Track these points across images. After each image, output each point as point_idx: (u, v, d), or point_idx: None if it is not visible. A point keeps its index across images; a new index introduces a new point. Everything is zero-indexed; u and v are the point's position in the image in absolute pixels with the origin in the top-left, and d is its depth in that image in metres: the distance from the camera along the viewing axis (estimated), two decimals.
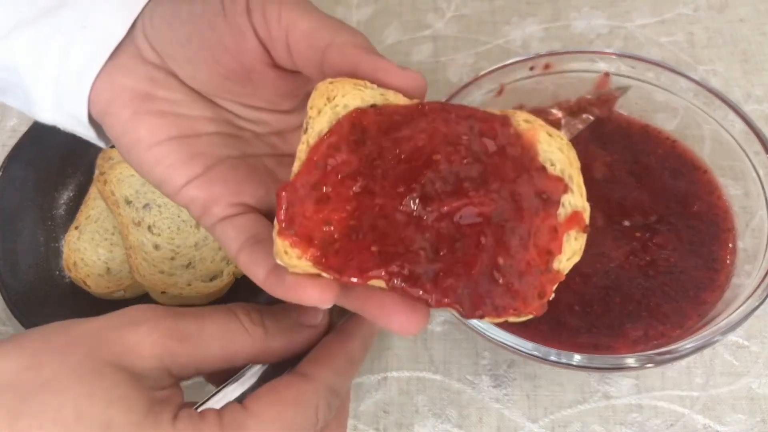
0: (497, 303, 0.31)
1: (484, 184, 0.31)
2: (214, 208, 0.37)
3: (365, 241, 0.30)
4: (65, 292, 0.58)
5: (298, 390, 0.35)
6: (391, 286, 0.30)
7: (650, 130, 0.56)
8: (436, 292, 0.30)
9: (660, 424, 0.50)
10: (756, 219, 0.51)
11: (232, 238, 0.36)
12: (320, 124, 0.33)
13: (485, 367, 0.53)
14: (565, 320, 0.48)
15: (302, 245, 0.30)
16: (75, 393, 0.31)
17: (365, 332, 0.39)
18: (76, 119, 0.40)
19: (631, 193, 0.53)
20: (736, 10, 0.71)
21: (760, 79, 0.66)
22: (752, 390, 0.51)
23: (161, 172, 0.37)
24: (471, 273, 0.30)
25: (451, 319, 0.55)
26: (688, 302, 0.48)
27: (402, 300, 0.31)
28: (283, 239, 0.31)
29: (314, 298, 0.31)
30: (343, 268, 0.30)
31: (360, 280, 0.30)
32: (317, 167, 0.32)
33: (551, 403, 0.51)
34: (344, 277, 0.30)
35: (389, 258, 0.30)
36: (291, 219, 0.31)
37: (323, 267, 0.30)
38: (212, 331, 0.36)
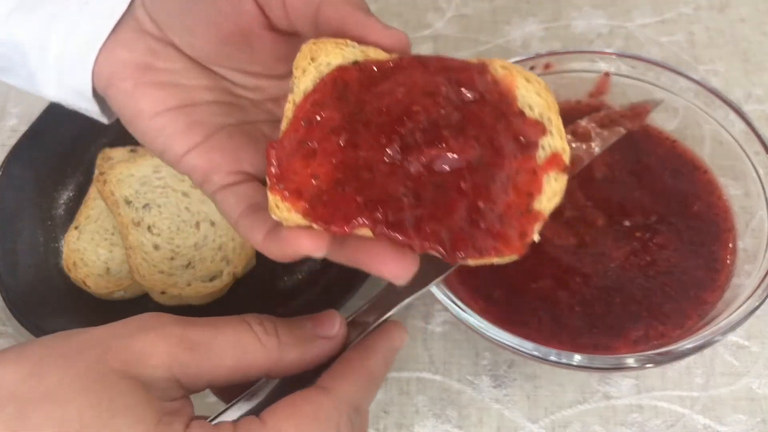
0: (479, 245, 0.32)
1: (462, 132, 0.33)
2: (214, 176, 0.38)
3: (351, 192, 0.32)
4: (65, 292, 0.58)
5: (318, 404, 0.34)
6: (376, 233, 0.31)
7: (650, 130, 0.56)
8: (418, 237, 0.31)
9: (660, 424, 0.50)
10: (756, 219, 0.51)
11: (232, 206, 0.37)
12: (305, 83, 0.35)
13: (485, 367, 0.53)
14: (565, 320, 0.48)
15: (292, 199, 0.32)
16: (79, 403, 0.30)
17: (386, 347, 0.38)
18: (81, 95, 0.41)
19: (631, 193, 0.53)
20: (736, 9, 0.71)
21: (761, 78, 0.66)
22: (752, 390, 0.51)
23: (162, 142, 0.39)
24: (452, 217, 0.32)
25: (451, 320, 0.55)
26: (688, 302, 0.48)
27: (391, 248, 0.32)
28: (274, 194, 0.32)
29: (307, 246, 0.32)
30: (331, 219, 0.32)
31: (347, 229, 0.31)
32: (303, 124, 0.33)
33: (551, 403, 0.51)
34: (332, 227, 0.32)
35: (373, 207, 0.31)
36: (281, 175, 0.33)
37: (312, 218, 0.32)
38: (224, 340, 0.34)
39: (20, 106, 0.71)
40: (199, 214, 0.59)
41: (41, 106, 0.64)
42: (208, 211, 0.59)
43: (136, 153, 0.63)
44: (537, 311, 0.48)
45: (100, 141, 0.65)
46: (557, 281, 0.49)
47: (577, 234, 0.51)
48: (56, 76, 0.41)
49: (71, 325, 0.53)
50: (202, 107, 0.39)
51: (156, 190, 0.60)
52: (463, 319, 0.45)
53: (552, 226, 0.52)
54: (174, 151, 0.38)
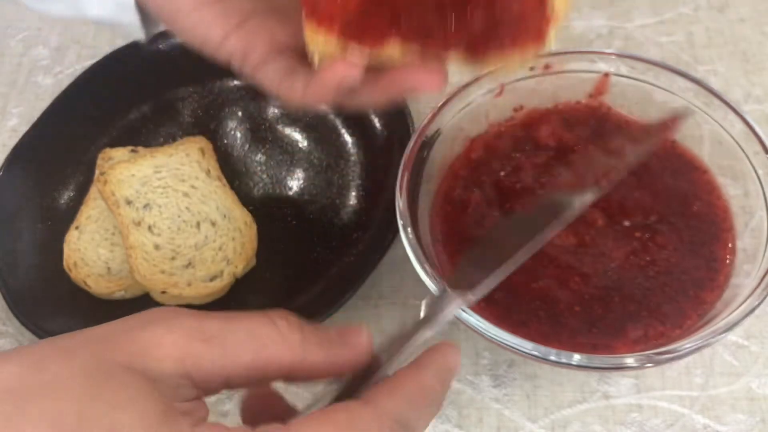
0: (500, 43, 0.35)
1: None
2: (251, 55, 0.41)
3: (379, 11, 0.35)
4: (65, 292, 0.58)
5: (356, 414, 0.30)
6: (405, 41, 0.35)
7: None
8: (444, 41, 0.35)
9: (660, 423, 0.50)
10: (755, 219, 0.51)
11: (272, 78, 0.41)
12: None
13: (485, 367, 0.53)
14: (564, 320, 0.48)
15: (326, 24, 0.35)
16: (78, 396, 0.28)
17: (440, 364, 0.35)
18: (122, 6, 0.45)
19: (631, 194, 0.53)
20: (736, 9, 0.71)
21: (761, 78, 0.66)
22: (752, 390, 0.51)
23: (202, 33, 0.42)
24: (472, 20, 0.35)
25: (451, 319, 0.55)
26: (687, 302, 0.49)
27: (420, 67, 0.36)
28: (310, 22, 0.36)
29: (342, 70, 0.36)
30: (364, 36, 0.35)
31: (380, 44, 0.35)
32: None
33: (551, 402, 0.51)
34: (366, 43, 0.35)
35: (400, 21, 0.35)
36: (314, 3, 0.36)
37: (347, 38, 0.35)
38: (242, 332, 0.31)
39: (21, 106, 0.72)
40: (200, 214, 0.59)
41: (42, 107, 0.65)
42: (209, 211, 0.59)
43: (136, 153, 0.63)
44: (536, 311, 0.48)
45: (101, 141, 0.65)
46: (557, 281, 0.49)
47: (577, 234, 0.51)
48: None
49: (72, 324, 0.53)
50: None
51: (156, 190, 0.60)
52: (463, 318, 0.45)
53: None
54: (213, 38, 0.42)
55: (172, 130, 0.67)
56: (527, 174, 0.54)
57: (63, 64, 0.75)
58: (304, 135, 0.65)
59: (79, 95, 0.65)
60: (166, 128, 0.67)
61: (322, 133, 0.65)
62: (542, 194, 0.41)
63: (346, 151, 0.64)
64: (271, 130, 0.66)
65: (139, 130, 0.66)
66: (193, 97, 0.68)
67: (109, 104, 0.66)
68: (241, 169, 0.64)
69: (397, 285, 0.57)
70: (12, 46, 0.76)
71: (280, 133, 0.66)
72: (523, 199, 0.53)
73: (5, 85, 0.73)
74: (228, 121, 0.67)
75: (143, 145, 0.65)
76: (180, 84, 0.67)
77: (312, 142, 0.65)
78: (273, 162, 0.64)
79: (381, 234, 0.56)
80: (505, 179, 0.54)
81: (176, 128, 0.67)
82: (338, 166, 0.64)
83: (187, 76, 0.67)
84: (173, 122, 0.67)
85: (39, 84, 0.73)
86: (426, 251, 0.48)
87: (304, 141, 0.65)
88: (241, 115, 0.67)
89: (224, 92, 0.68)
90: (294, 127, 0.66)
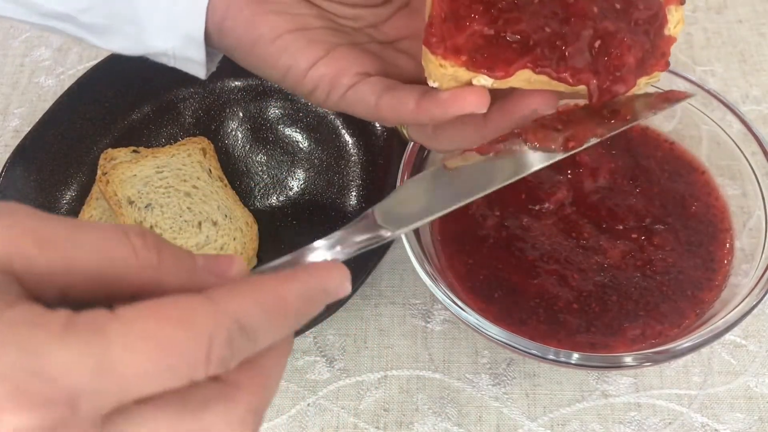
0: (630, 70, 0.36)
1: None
2: (342, 79, 0.40)
3: (506, 38, 0.35)
4: None
5: (190, 307, 0.26)
6: (536, 71, 0.34)
7: (649, 133, 0.57)
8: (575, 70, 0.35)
9: (658, 422, 0.50)
10: (753, 219, 0.51)
11: (369, 92, 0.39)
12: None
13: (484, 365, 0.53)
14: (563, 319, 0.48)
15: (453, 56, 0.35)
16: None
17: (314, 283, 0.30)
18: (191, 40, 0.43)
19: (630, 195, 0.53)
20: (734, 10, 0.72)
21: (758, 79, 0.67)
22: (750, 389, 0.51)
23: (287, 60, 0.41)
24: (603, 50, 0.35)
25: (450, 319, 0.56)
26: (685, 302, 0.49)
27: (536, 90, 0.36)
28: (436, 56, 0.35)
29: (472, 100, 0.35)
30: (493, 65, 0.35)
31: (509, 72, 0.35)
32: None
33: (550, 401, 0.51)
34: (496, 73, 0.35)
35: (529, 49, 0.35)
36: (440, 35, 0.35)
37: (477, 68, 0.35)
38: (88, 242, 0.27)
39: (23, 107, 0.72)
40: (201, 214, 0.60)
41: (44, 108, 0.65)
42: (210, 211, 0.60)
43: (138, 153, 0.63)
44: (536, 310, 0.49)
45: (103, 142, 0.65)
46: (556, 280, 0.50)
47: (577, 234, 0.52)
48: (166, 22, 0.42)
49: None
50: (316, 30, 0.42)
51: (158, 191, 0.60)
52: (463, 318, 0.45)
53: (551, 225, 0.52)
54: (299, 66, 0.41)
55: (174, 130, 0.67)
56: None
57: (65, 65, 0.75)
58: (305, 135, 0.66)
59: (81, 96, 0.65)
60: (168, 129, 0.67)
61: (322, 134, 0.66)
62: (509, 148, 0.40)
63: (346, 151, 0.65)
64: (272, 130, 0.66)
65: (141, 131, 0.67)
66: (195, 97, 0.68)
67: (111, 105, 0.66)
68: (242, 170, 0.65)
69: (397, 285, 0.58)
70: (14, 46, 0.77)
71: (281, 133, 0.66)
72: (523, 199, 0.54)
73: (7, 86, 0.74)
74: (229, 121, 0.67)
75: (145, 145, 0.65)
76: (181, 85, 0.68)
77: (313, 142, 0.65)
78: (274, 162, 0.65)
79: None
80: None
81: (178, 129, 0.67)
82: (338, 166, 0.64)
83: (188, 76, 0.66)
84: (175, 123, 0.67)
85: (41, 85, 0.74)
86: (426, 251, 0.49)
87: (304, 141, 0.66)
88: (243, 115, 0.67)
89: (225, 93, 0.68)
90: (295, 128, 0.66)
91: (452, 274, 0.51)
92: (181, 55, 0.44)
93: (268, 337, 0.28)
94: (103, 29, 0.44)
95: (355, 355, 0.54)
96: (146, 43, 0.44)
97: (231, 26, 0.42)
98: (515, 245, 0.51)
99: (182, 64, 0.45)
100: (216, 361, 0.25)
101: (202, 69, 0.45)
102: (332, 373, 0.54)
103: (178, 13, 0.42)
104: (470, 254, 0.52)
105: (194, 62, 0.45)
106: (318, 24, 0.42)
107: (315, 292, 0.30)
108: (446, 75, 0.36)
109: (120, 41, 0.44)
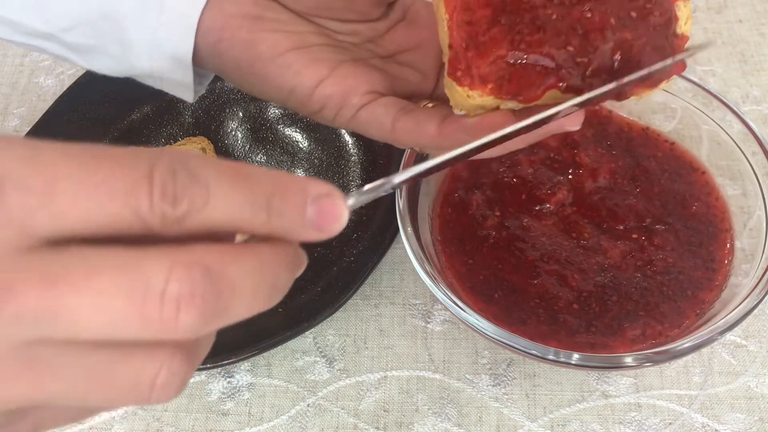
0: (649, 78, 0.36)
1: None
2: (352, 99, 0.39)
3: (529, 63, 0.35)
4: None
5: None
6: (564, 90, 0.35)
7: (650, 133, 0.57)
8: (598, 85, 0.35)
9: (658, 422, 0.50)
10: (754, 219, 0.51)
11: (384, 114, 0.38)
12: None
13: (485, 366, 0.53)
14: (563, 319, 0.48)
15: (480, 85, 0.35)
16: None
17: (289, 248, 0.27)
18: (178, 61, 0.41)
19: (630, 195, 0.53)
20: (734, 10, 0.72)
21: (759, 79, 0.67)
22: (750, 389, 0.51)
23: (290, 79, 0.39)
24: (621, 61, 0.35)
25: (450, 319, 0.55)
26: (686, 302, 0.49)
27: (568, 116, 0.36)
28: (462, 87, 0.35)
29: (500, 121, 0.35)
30: (521, 91, 0.35)
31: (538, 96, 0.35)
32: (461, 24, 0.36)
33: (550, 401, 0.51)
34: (524, 97, 0.35)
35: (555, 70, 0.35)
36: (466, 67, 0.35)
37: (504, 96, 0.35)
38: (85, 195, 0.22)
39: (23, 107, 0.72)
40: None
41: (43, 108, 0.65)
42: None
43: None
44: (536, 310, 0.49)
45: (102, 142, 0.65)
46: (556, 281, 0.50)
47: (577, 234, 0.52)
48: (152, 43, 0.40)
49: None
50: (317, 47, 0.41)
51: None
52: (463, 318, 0.45)
53: (552, 225, 0.52)
54: (305, 85, 0.39)
55: (174, 130, 0.67)
56: (527, 172, 0.55)
57: (65, 65, 0.75)
58: (305, 135, 0.66)
59: (81, 96, 0.65)
60: (168, 129, 0.67)
61: (322, 134, 0.66)
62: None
63: (346, 151, 0.65)
64: (271, 130, 0.66)
65: (141, 131, 0.67)
66: None
67: (111, 105, 0.66)
68: None
69: (397, 285, 0.58)
70: (14, 47, 0.77)
71: (281, 133, 0.66)
72: (523, 199, 0.54)
73: (7, 86, 0.74)
74: (229, 121, 0.67)
75: (145, 145, 0.65)
76: None
77: (312, 142, 0.65)
78: (274, 162, 0.65)
79: (381, 234, 0.56)
80: (505, 179, 0.55)
81: (177, 129, 0.67)
82: (338, 166, 0.64)
83: None
84: (174, 123, 0.67)
85: (41, 85, 0.74)
86: (426, 251, 0.49)
87: (304, 141, 0.65)
88: (242, 115, 0.67)
89: (225, 93, 0.68)
90: (295, 128, 0.66)
91: (452, 274, 0.51)
92: (168, 77, 0.42)
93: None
94: (87, 49, 0.42)
95: (355, 355, 0.54)
96: (131, 63, 0.42)
97: (227, 46, 0.40)
98: (515, 245, 0.51)
99: (168, 87, 0.43)
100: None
101: (189, 92, 0.43)
102: (332, 373, 0.54)
103: (166, 34, 0.40)
104: (470, 254, 0.52)
105: (181, 84, 0.43)
106: (318, 41, 0.41)
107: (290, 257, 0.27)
108: (474, 104, 0.36)
109: (105, 61, 0.43)
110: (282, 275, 0.26)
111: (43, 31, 0.41)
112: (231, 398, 0.53)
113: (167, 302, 0.22)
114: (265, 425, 0.52)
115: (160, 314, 0.22)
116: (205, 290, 0.22)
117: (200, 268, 0.22)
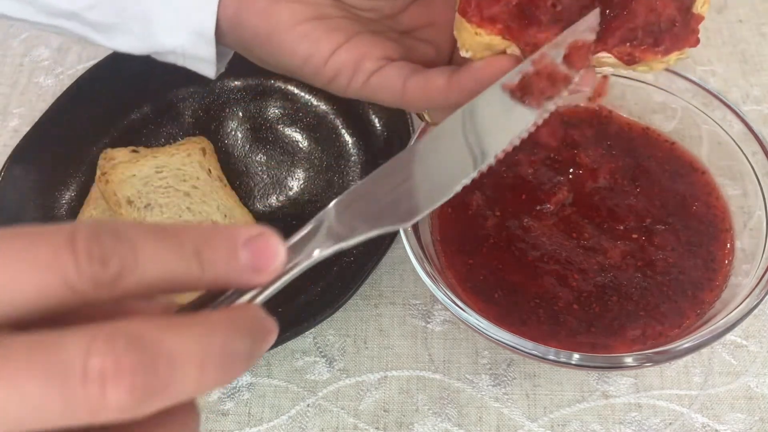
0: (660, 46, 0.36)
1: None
2: (365, 63, 0.40)
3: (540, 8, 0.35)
4: None
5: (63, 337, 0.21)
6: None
7: (650, 133, 0.57)
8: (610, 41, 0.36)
9: (659, 422, 0.50)
10: (754, 219, 0.51)
11: (396, 75, 0.39)
12: None
13: (485, 366, 0.53)
14: (564, 319, 0.48)
15: (489, 24, 0.36)
16: None
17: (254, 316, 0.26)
18: (201, 35, 0.42)
19: (631, 196, 0.53)
20: (735, 10, 0.72)
21: (759, 79, 0.67)
22: (750, 389, 0.51)
23: (307, 47, 0.40)
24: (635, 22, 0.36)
25: (450, 319, 0.55)
26: (686, 302, 0.49)
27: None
28: (471, 24, 0.36)
29: (504, 64, 0.36)
30: (522, 36, 0.36)
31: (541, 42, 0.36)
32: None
33: (550, 402, 0.51)
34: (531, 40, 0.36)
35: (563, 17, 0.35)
36: (476, 4, 0.36)
37: (510, 37, 0.36)
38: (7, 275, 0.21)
39: (22, 107, 0.72)
40: (201, 214, 0.59)
41: (43, 108, 0.65)
42: (210, 211, 0.60)
43: (138, 153, 0.63)
44: (536, 310, 0.49)
45: (102, 142, 0.65)
46: (556, 281, 0.50)
47: (577, 234, 0.52)
48: (176, 18, 0.41)
49: None
50: (335, 19, 0.41)
51: (158, 191, 0.60)
52: (463, 318, 0.45)
53: (552, 225, 0.52)
54: (321, 52, 0.40)
55: (173, 130, 0.67)
56: (528, 173, 0.55)
57: (64, 65, 0.75)
58: (305, 135, 0.66)
59: (81, 96, 0.65)
60: (168, 128, 0.67)
61: (322, 134, 0.65)
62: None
63: (346, 151, 0.65)
64: (271, 130, 0.66)
65: (141, 131, 0.67)
66: (194, 97, 0.68)
67: (111, 105, 0.66)
68: (241, 170, 0.64)
69: (397, 285, 0.57)
70: (14, 46, 0.77)
71: (281, 133, 0.66)
72: (524, 200, 0.54)
73: (7, 86, 0.74)
74: (229, 121, 0.67)
75: (144, 145, 0.65)
76: (181, 84, 0.67)
77: (312, 142, 0.65)
78: (274, 162, 0.65)
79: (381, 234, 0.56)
80: (505, 179, 0.55)
81: (177, 128, 0.67)
82: (338, 166, 0.64)
83: (188, 76, 0.66)
84: (174, 122, 0.67)
85: (40, 85, 0.73)
86: (426, 251, 0.49)
87: (304, 141, 0.65)
88: (242, 115, 0.67)
89: (225, 93, 0.68)
90: (295, 128, 0.66)
91: (452, 274, 0.51)
92: (190, 53, 0.43)
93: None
94: (109, 27, 0.43)
95: (355, 355, 0.54)
96: (154, 40, 0.42)
97: (246, 17, 0.41)
98: (516, 245, 0.51)
99: (191, 63, 0.44)
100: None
101: (212, 67, 0.44)
102: (332, 373, 0.54)
103: (189, 8, 0.41)
104: (470, 254, 0.52)
105: (204, 60, 0.43)
106: (336, 13, 0.41)
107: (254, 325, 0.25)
108: (481, 44, 0.36)
109: (126, 39, 0.43)
110: (239, 343, 0.23)
111: (65, 9, 0.42)
112: (231, 398, 0.53)
113: (90, 381, 0.20)
114: (264, 425, 0.52)
115: (84, 395, 0.20)
116: (132, 362, 0.20)
117: (124, 338, 0.20)
